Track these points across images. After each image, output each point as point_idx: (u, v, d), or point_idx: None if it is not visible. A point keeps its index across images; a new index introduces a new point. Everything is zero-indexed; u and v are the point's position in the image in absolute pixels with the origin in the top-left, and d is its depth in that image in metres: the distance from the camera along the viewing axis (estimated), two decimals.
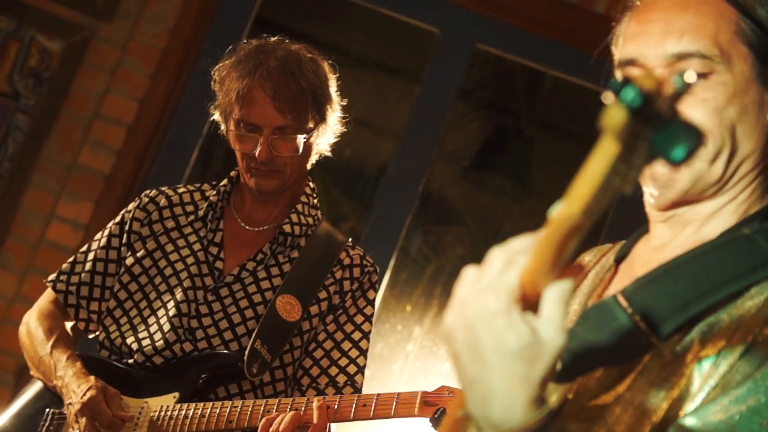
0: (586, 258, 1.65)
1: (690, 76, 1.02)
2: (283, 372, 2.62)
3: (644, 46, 1.44)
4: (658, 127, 1.01)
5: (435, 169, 4.45)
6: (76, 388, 2.54)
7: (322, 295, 2.65)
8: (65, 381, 2.58)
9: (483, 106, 5.08)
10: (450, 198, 5.15)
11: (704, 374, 1.31)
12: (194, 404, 2.51)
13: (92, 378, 2.55)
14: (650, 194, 1.46)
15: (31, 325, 2.75)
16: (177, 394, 2.56)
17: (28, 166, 4.07)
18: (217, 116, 2.70)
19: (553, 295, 1.09)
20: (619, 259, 1.57)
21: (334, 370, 2.62)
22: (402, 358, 4.57)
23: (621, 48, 1.50)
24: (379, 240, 4.10)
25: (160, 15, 4.16)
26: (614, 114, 1.01)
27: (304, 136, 2.62)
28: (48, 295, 2.81)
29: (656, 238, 1.50)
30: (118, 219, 2.80)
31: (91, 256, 2.78)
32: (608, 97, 1.02)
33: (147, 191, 2.82)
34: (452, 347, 1.13)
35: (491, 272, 1.10)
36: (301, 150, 2.63)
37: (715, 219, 1.45)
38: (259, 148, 2.59)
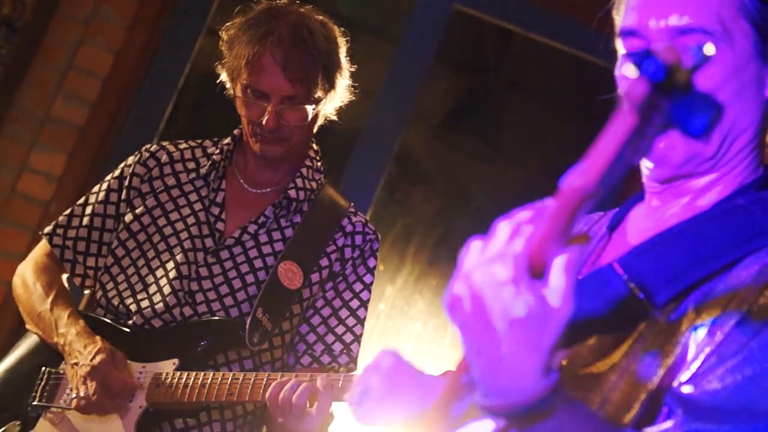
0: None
1: (709, 49, 1.04)
2: (281, 339, 2.64)
3: (646, 18, 1.47)
4: (677, 100, 1.04)
5: (408, 130, 4.55)
6: (82, 348, 2.54)
7: (324, 262, 2.67)
8: (68, 339, 2.58)
9: (455, 66, 5.19)
10: (419, 157, 5.25)
11: (699, 342, 1.34)
12: (194, 373, 2.51)
13: (98, 339, 2.56)
14: (646, 167, 1.51)
15: (28, 278, 2.74)
16: (176, 361, 2.56)
17: (1, 116, 4.14)
18: (223, 76, 2.71)
19: (561, 264, 1.12)
20: (612, 228, 1.60)
21: (330, 338, 2.64)
22: (373, 317, 4.67)
23: (623, 16, 1.51)
24: (354, 199, 4.22)
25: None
26: (636, 86, 1.04)
27: (313, 105, 2.64)
28: (43, 247, 2.80)
29: (651, 207, 1.54)
30: (117, 173, 2.79)
31: (88, 210, 2.77)
32: (629, 69, 1.04)
33: (147, 146, 2.82)
34: (459, 317, 1.16)
35: (498, 242, 1.15)
36: (309, 119, 2.65)
37: (709, 191, 1.49)
38: (266, 117, 2.60)
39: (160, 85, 4.25)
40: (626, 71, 1.06)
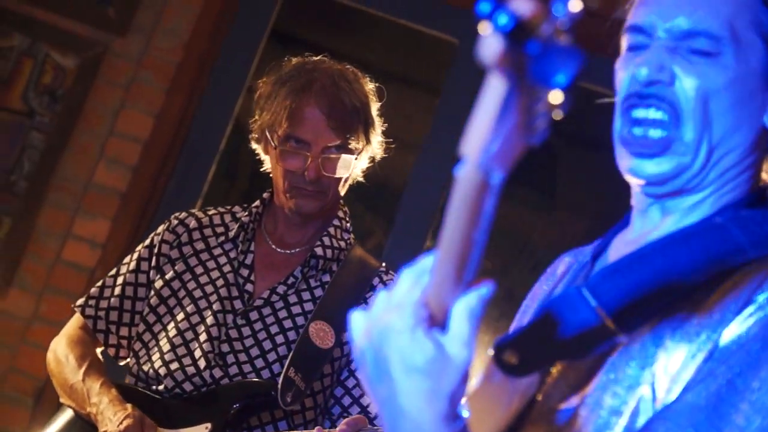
0: (566, 259, 1.70)
1: (574, 5, 1.01)
2: (313, 400, 2.67)
3: (655, 16, 1.49)
4: (538, 55, 0.99)
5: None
6: (112, 416, 2.59)
7: None
8: (100, 408, 2.63)
9: None
10: None
11: (673, 370, 1.34)
12: None
13: (129, 406, 2.61)
14: (637, 184, 1.51)
15: (60, 352, 2.80)
16: (209, 425, 2.60)
17: (44, 184, 4.30)
18: (255, 136, 2.77)
19: (460, 310, 1.13)
20: (596, 255, 1.59)
21: (366, 400, 2.67)
22: None
23: (631, 11, 1.54)
24: (401, 256, 4.27)
25: (175, 29, 4.38)
26: (490, 43, 0.99)
27: (354, 157, 2.70)
28: (76, 320, 2.87)
29: (635, 230, 1.54)
30: (147, 242, 2.87)
31: (120, 280, 2.84)
32: (484, 26, 0.99)
33: (176, 213, 2.90)
34: (364, 370, 1.20)
35: (399, 292, 1.17)
36: (349, 171, 2.70)
37: (695, 211, 1.49)
38: (308, 167, 2.65)
39: (202, 148, 4.37)
40: (480, 29, 0.99)
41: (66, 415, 2.81)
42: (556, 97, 1.02)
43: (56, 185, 4.32)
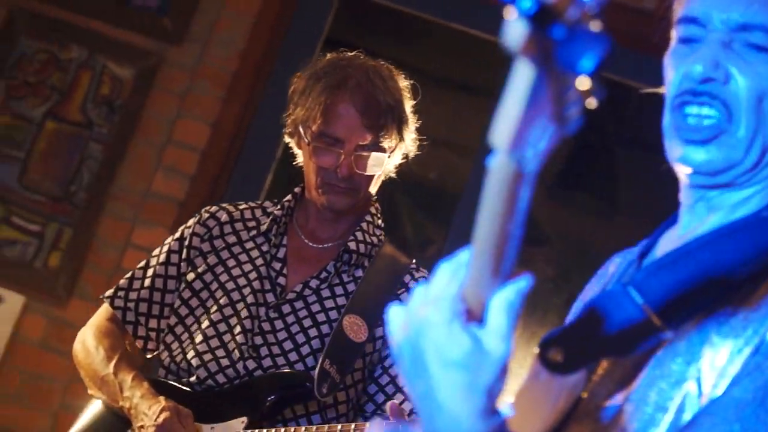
0: (617, 260, 1.68)
1: None
2: (345, 394, 2.69)
3: (710, 7, 1.47)
4: (564, 40, 0.98)
5: None
6: (147, 409, 2.60)
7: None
8: (133, 402, 2.64)
9: None
10: (535, 217, 5.30)
11: (719, 365, 1.32)
12: (265, 431, 2.58)
13: (162, 399, 2.61)
14: (685, 174, 1.51)
15: (89, 343, 2.81)
16: (245, 419, 2.62)
17: (103, 194, 4.36)
18: (289, 130, 2.80)
19: (498, 303, 1.13)
20: (643, 254, 1.58)
21: (399, 398, 2.67)
22: None
23: (683, 2, 1.52)
24: None
25: (230, 38, 4.42)
26: (514, 28, 0.99)
27: (387, 154, 2.72)
28: (104, 311, 2.88)
29: (682, 226, 1.53)
30: (177, 235, 2.89)
31: (150, 272, 2.86)
32: (508, 11, 0.99)
33: (207, 207, 2.93)
34: (402, 365, 1.19)
35: (436, 286, 1.17)
36: (381, 168, 2.73)
37: (742, 207, 1.48)
38: (341, 164, 2.67)
39: (258, 155, 4.41)
40: (506, 15, 0.98)
41: (95, 408, 2.82)
42: (583, 83, 1.01)
43: (115, 195, 4.37)
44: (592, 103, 1.04)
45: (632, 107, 5.16)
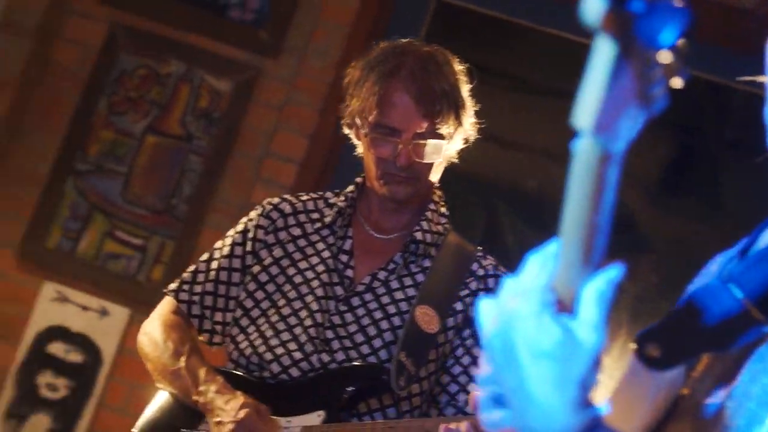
0: (719, 259, 1.64)
1: None
2: (419, 386, 2.68)
3: None
4: (643, 14, 0.97)
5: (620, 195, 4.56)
6: (224, 405, 2.59)
7: (458, 306, 2.71)
8: (209, 397, 2.63)
9: (665, 126, 5.19)
10: (639, 224, 5.24)
11: None
12: (344, 424, 2.58)
13: (239, 394, 2.61)
14: None
15: (156, 336, 2.80)
16: (322, 413, 2.61)
17: (204, 206, 4.43)
18: (346, 121, 2.80)
19: (589, 294, 1.11)
20: (744, 251, 1.53)
21: (473, 387, 2.60)
22: None
23: None
24: None
25: (326, 49, 4.47)
26: (593, 3, 0.98)
27: (445, 141, 2.70)
28: (169, 304, 2.88)
29: None
30: (239, 228, 2.90)
31: (214, 265, 2.87)
32: None
33: (269, 199, 2.92)
34: (493, 358, 1.19)
35: (526, 278, 1.16)
36: (440, 155, 2.71)
37: None
38: (399, 154, 2.66)
39: (356, 166, 4.42)
40: None
41: (162, 402, 2.81)
42: (665, 57, 0.99)
43: (215, 207, 4.44)
44: (677, 82, 1.02)
45: (734, 109, 5.10)
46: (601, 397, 1.19)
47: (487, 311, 1.21)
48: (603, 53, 1.00)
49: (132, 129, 4.55)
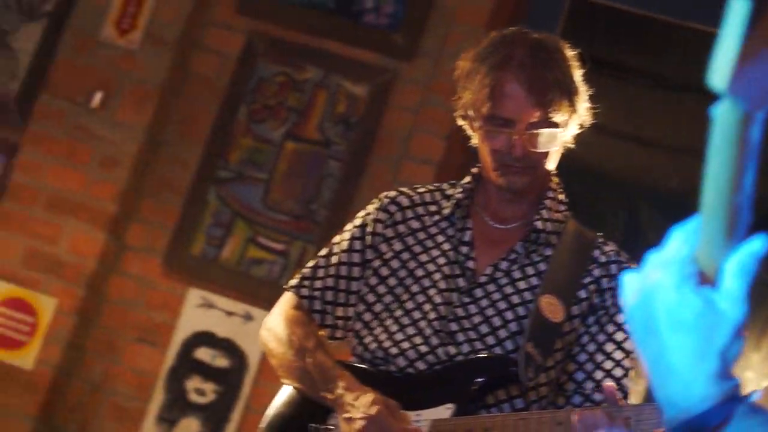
0: None
1: None
2: (546, 376, 2.67)
3: None
4: None
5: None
6: (354, 401, 2.59)
7: (582, 294, 2.70)
8: (337, 393, 2.63)
9: None
10: None
11: None
12: (475, 417, 2.57)
13: (368, 390, 2.60)
14: None
15: (280, 332, 2.80)
16: (452, 406, 2.60)
17: (343, 211, 4.50)
18: (460, 114, 2.77)
19: (731, 266, 1.10)
20: None
21: (599, 374, 2.65)
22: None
23: None
24: None
25: (460, 51, 4.47)
26: None
27: (560, 129, 2.68)
28: (290, 300, 2.87)
29: None
30: (358, 222, 2.89)
31: (333, 259, 2.85)
32: None
33: (386, 192, 2.92)
34: (633, 330, 1.18)
35: (668, 251, 1.15)
36: (556, 144, 2.69)
37: None
38: (514, 145, 2.64)
39: None
40: None
41: (289, 395, 2.82)
42: None
43: (355, 211, 4.45)
44: None
45: None
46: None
47: (630, 285, 1.21)
48: (738, 8, 0.98)
49: (271, 136, 4.65)
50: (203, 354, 4.57)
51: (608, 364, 2.67)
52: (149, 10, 4.70)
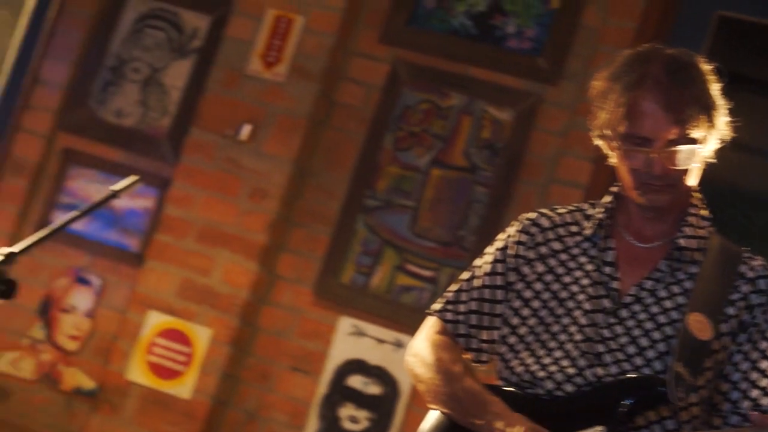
0: None
1: None
2: (697, 395, 2.65)
3: None
4: None
5: None
6: (505, 427, 2.59)
7: (730, 311, 2.67)
8: (488, 418, 2.63)
9: None
10: None
11: None
12: None
13: (518, 416, 2.61)
14: None
15: (426, 357, 2.82)
16: (602, 429, 2.59)
17: (491, 236, 4.47)
18: (596, 134, 2.77)
19: None
20: None
21: (754, 392, 2.62)
22: None
23: None
24: None
25: (598, 71, 4.48)
26: None
27: (699, 145, 2.66)
28: (434, 325, 2.89)
29: None
30: (499, 244, 2.90)
31: (476, 283, 2.87)
32: None
33: (526, 214, 2.92)
34: None
35: None
36: (697, 161, 2.67)
37: None
38: (653, 163, 2.64)
39: None
40: None
41: (437, 420, 2.81)
42: None
43: None
44: None
45: None
46: None
47: None
48: None
49: (417, 163, 4.70)
50: (355, 381, 4.63)
51: (764, 382, 2.63)
52: (294, 43, 4.79)
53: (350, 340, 4.65)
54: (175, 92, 5.00)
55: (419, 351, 2.87)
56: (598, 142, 2.81)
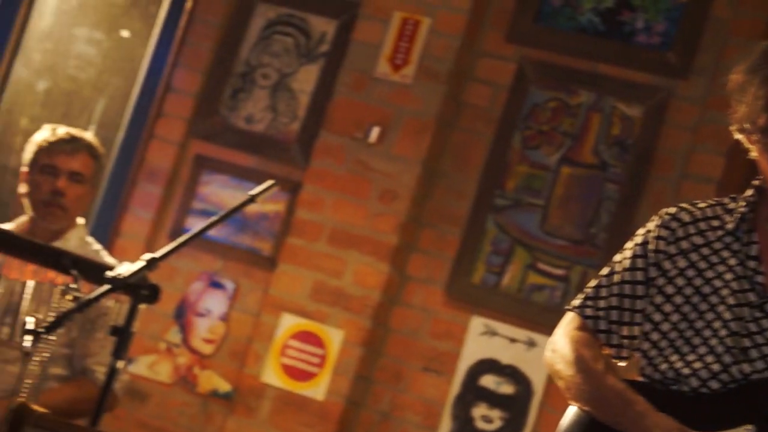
0: None
1: None
2: None
3: None
4: None
5: None
6: (651, 426, 2.59)
7: None
8: (632, 416, 2.63)
9: None
10: None
11: None
12: None
13: (663, 416, 2.61)
14: None
15: (567, 354, 2.82)
16: (751, 428, 2.58)
17: (623, 234, 4.46)
18: (736, 127, 2.76)
19: None
20: None
21: None
22: None
23: None
24: None
25: (736, 65, 4.44)
26: None
27: None
28: (573, 321, 2.89)
29: None
30: (639, 240, 2.90)
31: (616, 278, 2.86)
32: None
33: (666, 209, 2.91)
34: None
35: None
36: None
37: None
38: None
39: None
40: None
41: (576, 416, 2.80)
42: None
43: (635, 233, 4.49)
44: None
45: None
46: None
47: None
48: None
49: (546, 161, 4.71)
50: (488, 381, 4.65)
51: None
52: (421, 45, 4.84)
53: (482, 339, 4.68)
54: (304, 97, 5.09)
55: (559, 347, 2.86)
56: (738, 136, 2.79)
